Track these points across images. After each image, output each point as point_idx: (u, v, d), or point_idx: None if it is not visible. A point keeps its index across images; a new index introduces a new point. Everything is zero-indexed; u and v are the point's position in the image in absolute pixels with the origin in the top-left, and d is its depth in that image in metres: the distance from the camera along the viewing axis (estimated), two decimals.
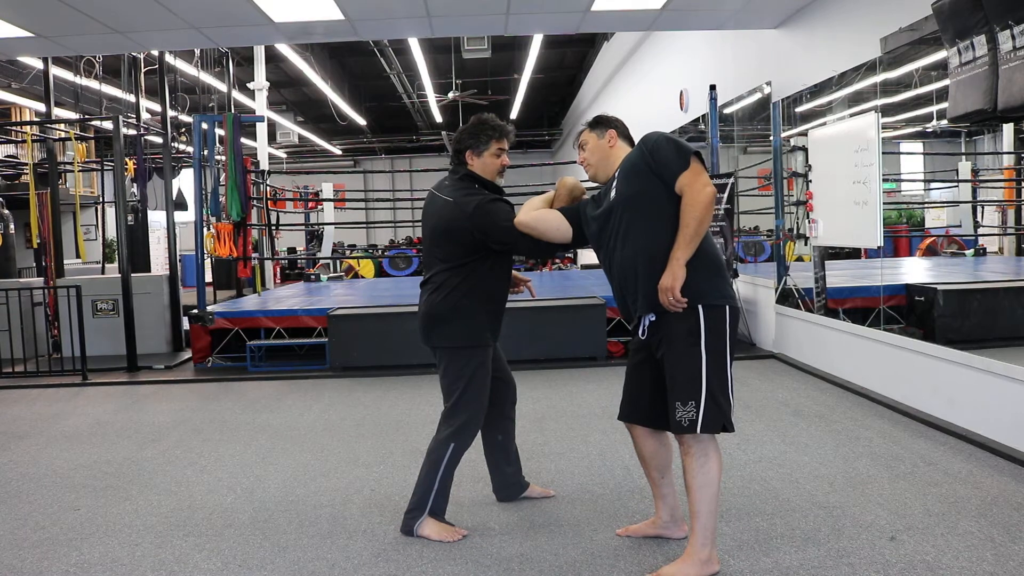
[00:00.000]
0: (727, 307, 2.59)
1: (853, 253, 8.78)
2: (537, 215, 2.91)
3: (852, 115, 5.52)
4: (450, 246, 2.99)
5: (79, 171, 10.27)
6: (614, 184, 2.72)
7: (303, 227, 14.68)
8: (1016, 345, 4.88)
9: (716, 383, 2.54)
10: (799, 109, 6.31)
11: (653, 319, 2.62)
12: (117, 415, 5.39)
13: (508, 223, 2.92)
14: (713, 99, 7.38)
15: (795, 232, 6.41)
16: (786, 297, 6.51)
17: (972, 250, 8.33)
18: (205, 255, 7.67)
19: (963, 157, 7.67)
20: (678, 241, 2.52)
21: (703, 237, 2.55)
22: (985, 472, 3.55)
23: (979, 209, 7.72)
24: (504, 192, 3.18)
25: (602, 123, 2.89)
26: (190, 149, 9.09)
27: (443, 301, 2.99)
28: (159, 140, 9.43)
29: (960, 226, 7.83)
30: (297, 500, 3.53)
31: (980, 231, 7.91)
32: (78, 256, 9.52)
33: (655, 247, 2.58)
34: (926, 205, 8.64)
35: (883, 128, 4.97)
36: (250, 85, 10.62)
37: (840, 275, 6.88)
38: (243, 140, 7.91)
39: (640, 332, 2.68)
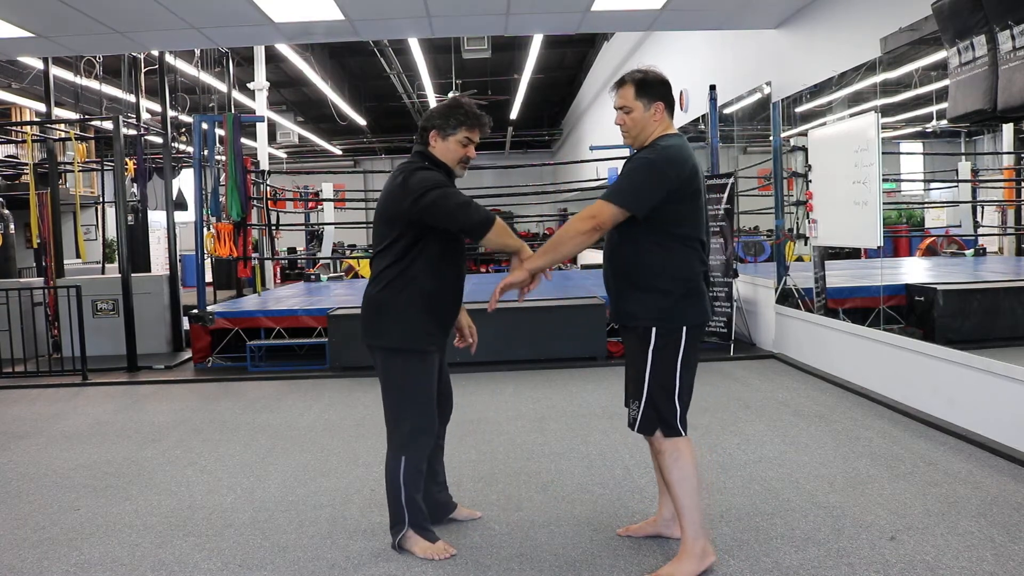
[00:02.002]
0: (684, 328, 2.61)
1: (853, 253, 8.78)
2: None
3: (852, 115, 5.52)
4: (384, 227, 2.76)
5: (79, 171, 10.27)
6: None
7: (303, 227, 14.69)
8: (1016, 345, 4.88)
9: (659, 389, 2.61)
10: (799, 109, 6.31)
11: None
12: (117, 415, 5.39)
13: (434, 187, 2.66)
14: (713, 99, 7.38)
15: (795, 232, 6.42)
16: (786, 297, 6.51)
17: (972, 250, 8.33)
18: (205, 255, 7.67)
19: (963, 157, 7.67)
20: (538, 250, 2.69)
21: (677, 255, 2.60)
22: (985, 472, 3.55)
23: (979, 209, 7.72)
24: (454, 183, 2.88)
25: (650, 91, 2.67)
26: (190, 149, 9.09)
27: (377, 295, 2.77)
28: (159, 140, 9.43)
29: (960, 226, 7.83)
30: (297, 500, 3.53)
31: (980, 231, 7.91)
32: (78, 256, 9.52)
33: (628, 262, 2.66)
34: (926, 205, 8.64)
35: (883, 128, 4.97)
36: (250, 85, 10.62)
37: (840, 275, 6.88)
38: (243, 140, 7.91)
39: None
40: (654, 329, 2.61)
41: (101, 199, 12.12)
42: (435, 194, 2.66)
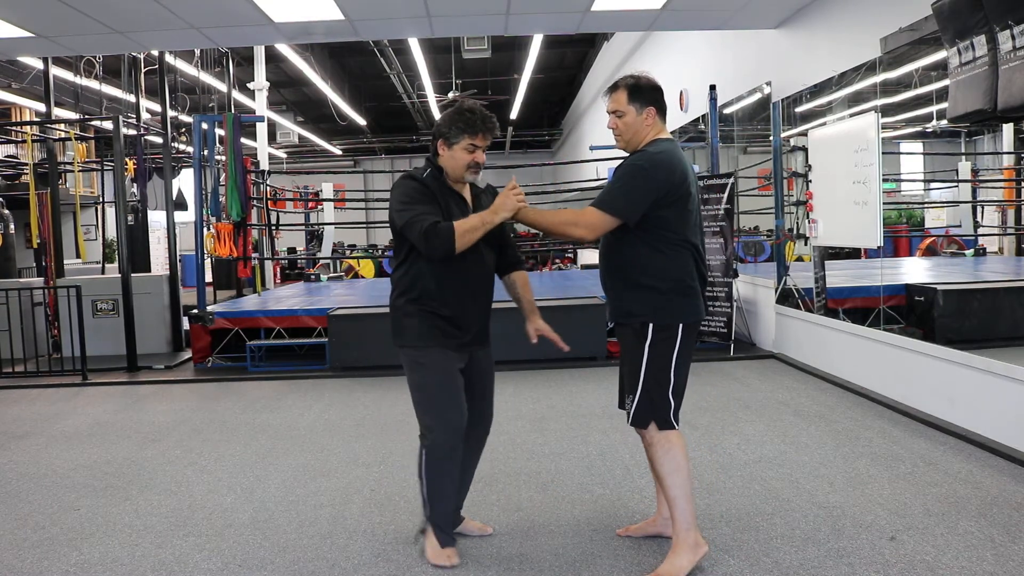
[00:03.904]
0: (680, 325, 2.67)
1: (853, 253, 8.78)
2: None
3: (852, 115, 5.52)
4: (393, 233, 2.86)
5: (79, 171, 10.28)
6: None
7: (303, 227, 14.68)
8: (1016, 345, 4.89)
9: (654, 384, 2.67)
10: (799, 109, 6.31)
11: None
12: (117, 415, 5.39)
13: (404, 207, 2.69)
14: (713, 99, 7.38)
15: (795, 232, 6.41)
16: (786, 297, 6.50)
17: (972, 250, 8.33)
18: (205, 255, 7.67)
19: (963, 157, 7.67)
20: (533, 208, 2.77)
21: (669, 255, 2.64)
22: (985, 472, 3.55)
23: (979, 209, 7.73)
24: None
25: (642, 96, 2.71)
26: (190, 149, 9.09)
27: (393, 301, 2.90)
28: (159, 140, 9.43)
29: (960, 226, 7.83)
30: (297, 500, 3.53)
31: (980, 231, 7.91)
32: (78, 256, 9.52)
33: (621, 260, 2.71)
34: (926, 205, 8.64)
35: (883, 128, 4.97)
36: (250, 85, 10.62)
37: (840, 275, 6.88)
38: (243, 140, 7.91)
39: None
40: (651, 325, 2.66)
41: (101, 199, 12.12)
42: (406, 216, 2.69)
